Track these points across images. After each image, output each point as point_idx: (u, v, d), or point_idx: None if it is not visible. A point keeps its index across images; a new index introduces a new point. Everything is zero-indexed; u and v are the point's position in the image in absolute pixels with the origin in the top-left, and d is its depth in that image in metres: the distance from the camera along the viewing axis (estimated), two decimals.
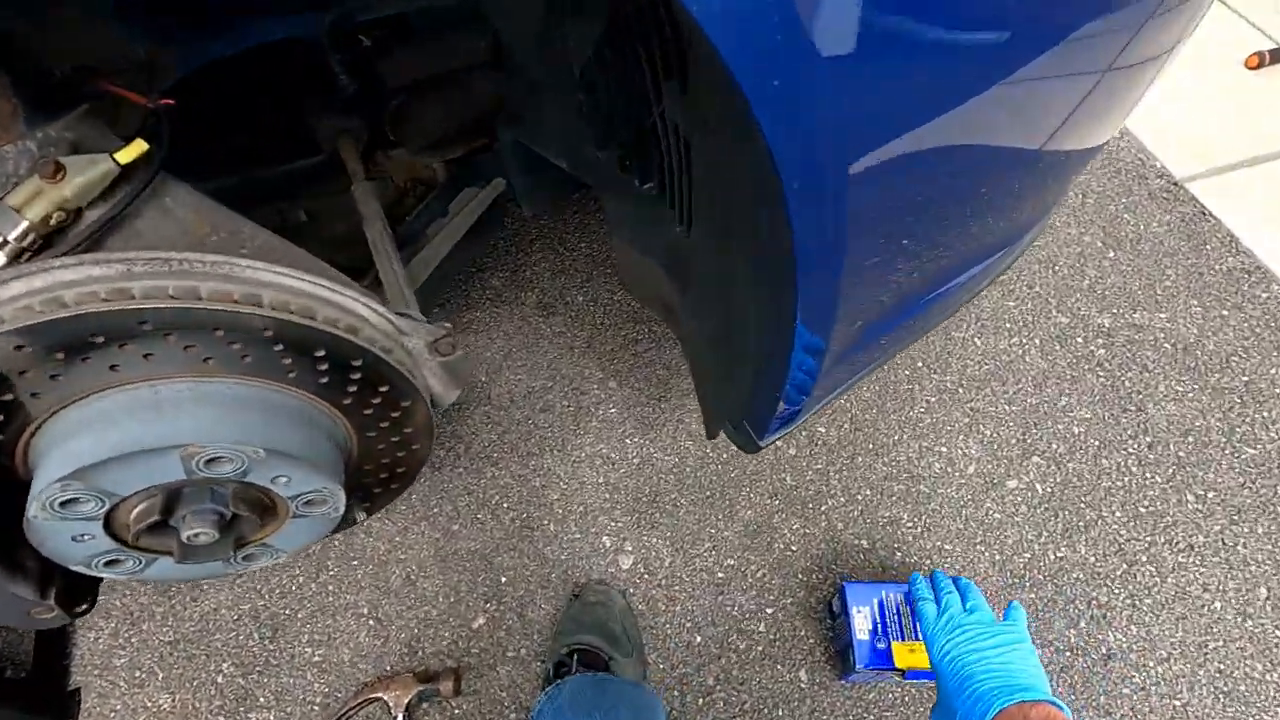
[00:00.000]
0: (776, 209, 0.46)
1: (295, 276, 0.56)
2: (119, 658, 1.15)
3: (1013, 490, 1.28)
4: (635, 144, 0.85)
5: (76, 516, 0.54)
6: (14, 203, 0.52)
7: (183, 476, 0.54)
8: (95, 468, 0.51)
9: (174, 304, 0.50)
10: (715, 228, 0.69)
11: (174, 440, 0.52)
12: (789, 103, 0.39)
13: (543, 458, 1.32)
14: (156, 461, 0.53)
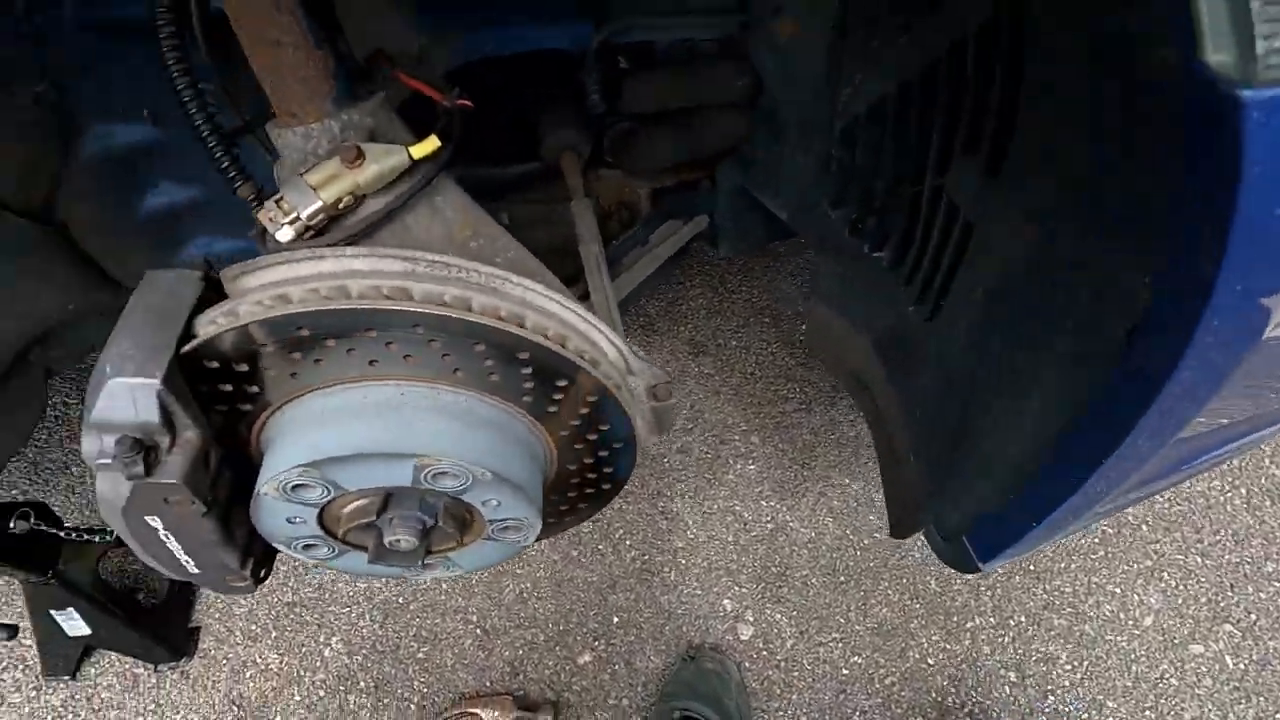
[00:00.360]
0: (1152, 334, 0.39)
1: (556, 301, 0.53)
2: (239, 608, 1.18)
3: (1196, 656, 1.11)
4: (879, 208, 0.80)
5: (300, 501, 0.53)
6: (312, 181, 0.52)
7: (408, 484, 0.53)
8: (333, 461, 0.50)
9: (445, 311, 0.48)
10: (981, 321, 0.62)
11: (413, 449, 0.50)
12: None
13: (673, 501, 1.26)
14: (390, 466, 0.51)
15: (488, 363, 0.52)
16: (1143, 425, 0.45)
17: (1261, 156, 0.29)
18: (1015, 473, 0.59)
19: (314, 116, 0.54)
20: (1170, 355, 0.40)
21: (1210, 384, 0.43)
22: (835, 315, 0.94)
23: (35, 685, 1.12)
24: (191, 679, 1.13)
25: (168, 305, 0.48)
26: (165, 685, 1.12)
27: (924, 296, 0.73)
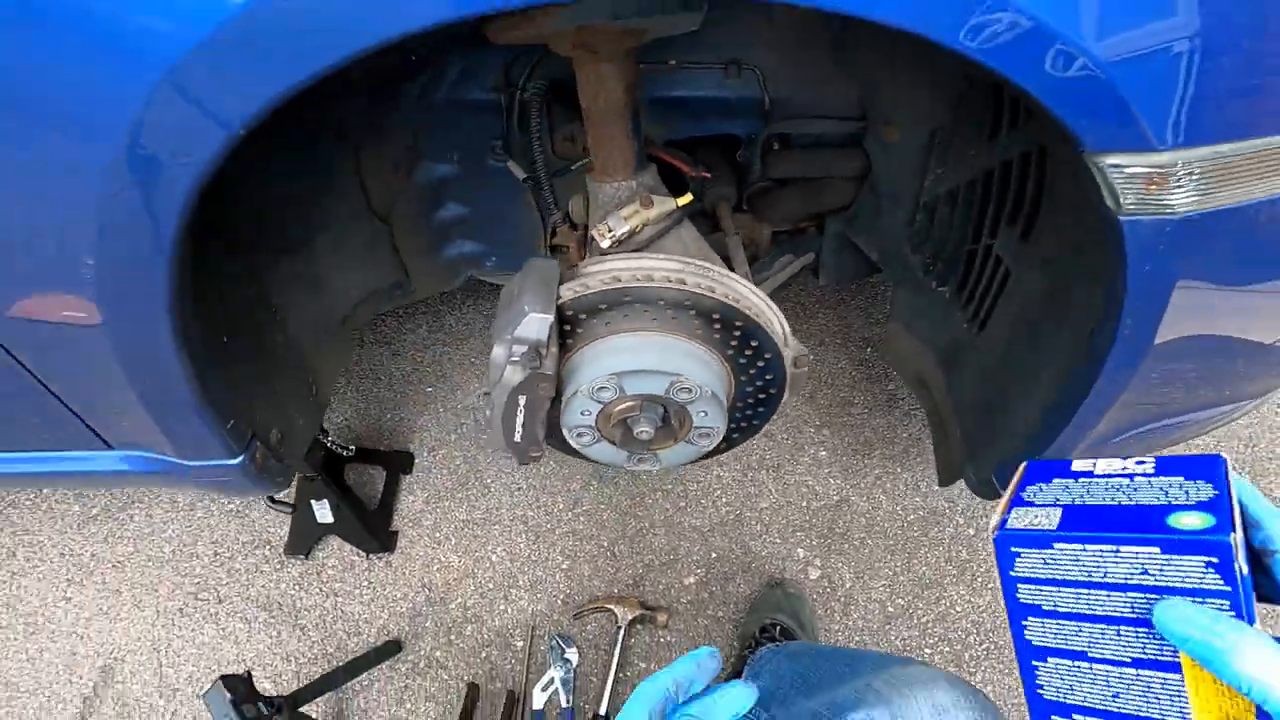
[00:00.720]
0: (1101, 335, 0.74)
1: (753, 291, 0.90)
2: (426, 519, 1.56)
3: None
4: (946, 256, 1.16)
5: (596, 399, 0.89)
6: (624, 214, 0.90)
7: (660, 394, 0.89)
8: (628, 373, 0.86)
9: (702, 293, 0.85)
10: (1011, 333, 0.97)
11: (671, 370, 0.86)
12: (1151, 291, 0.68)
13: (760, 472, 1.61)
14: (655, 380, 0.87)
15: (716, 327, 0.89)
16: (1096, 389, 0.80)
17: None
18: (1026, 428, 0.93)
19: (623, 177, 0.93)
20: (1105, 345, 0.75)
21: (1131, 364, 0.77)
22: (905, 332, 1.30)
23: (279, 561, 1.51)
24: (393, 567, 1.50)
25: (547, 276, 0.86)
26: (374, 570, 1.50)
27: (974, 318, 1.08)
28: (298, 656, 1.39)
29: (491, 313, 1.88)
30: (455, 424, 1.70)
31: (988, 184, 0.99)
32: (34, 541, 1.53)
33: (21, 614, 1.45)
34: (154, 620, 1.43)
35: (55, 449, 0.92)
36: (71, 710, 1.34)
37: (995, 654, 1.39)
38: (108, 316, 0.66)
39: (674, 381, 0.88)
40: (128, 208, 0.57)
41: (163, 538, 1.53)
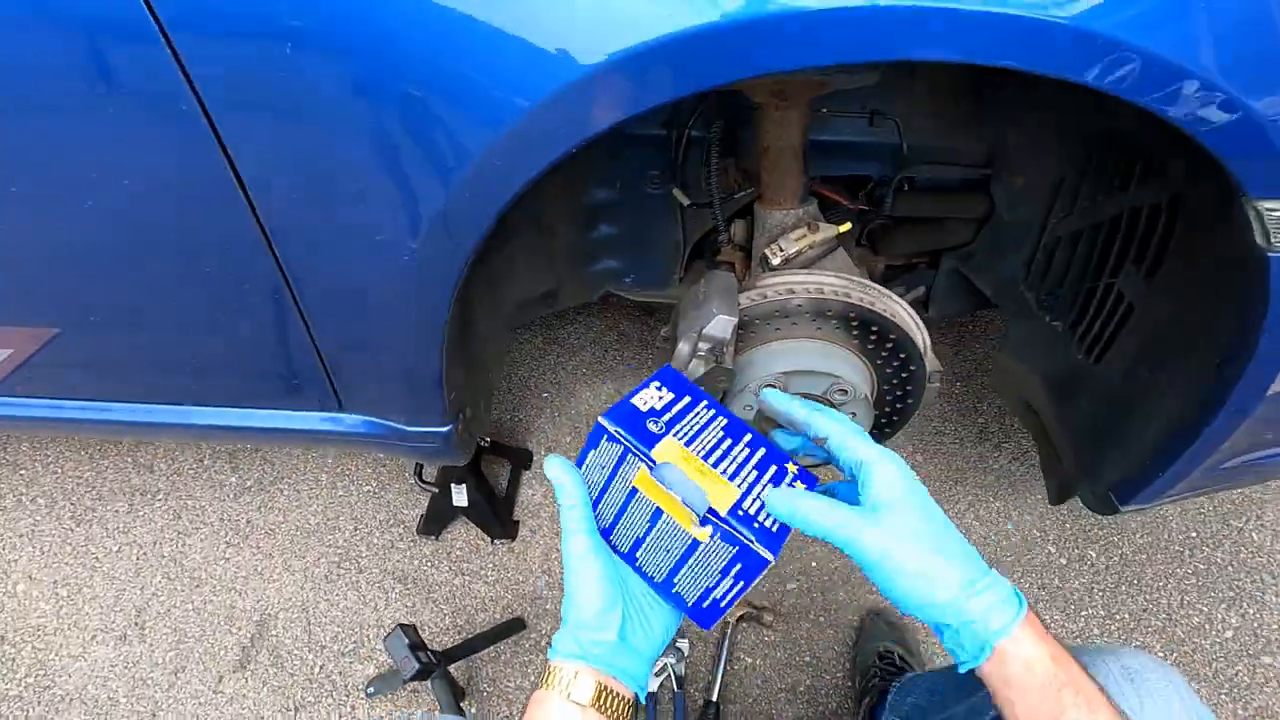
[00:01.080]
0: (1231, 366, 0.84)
1: (907, 311, 1.03)
2: (545, 511, 1.69)
3: (1267, 665, 1.45)
4: (1064, 293, 1.27)
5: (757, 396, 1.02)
6: (794, 237, 1.04)
7: (819, 394, 1.01)
8: (795, 373, 0.99)
9: (865, 307, 0.98)
10: (1135, 361, 1.07)
11: (833, 372, 0.99)
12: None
13: None
14: (816, 380, 1.00)
15: (871, 337, 1.01)
16: (1222, 415, 0.89)
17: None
18: (1149, 448, 1.03)
19: (790, 205, 1.08)
20: (1236, 374, 0.85)
21: (1256, 396, 0.87)
22: (1016, 362, 1.40)
23: (412, 539, 1.65)
24: (516, 553, 1.63)
25: (729, 286, 1.00)
26: (498, 554, 1.63)
27: (1091, 348, 1.19)
28: (430, 626, 1.52)
29: (601, 328, 2.04)
30: (570, 427, 1.84)
31: (1113, 227, 1.11)
32: (196, 506, 1.71)
33: (187, 569, 1.61)
34: (302, 583, 1.59)
35: (292, 408, 1.09)
36: (232, 657, 1.49)
37: None
38: (412, 292, 0.82)
39: (834, 383, 1.00)
40: (461, 206, 0.73)
41: (309, 510, 1.69)
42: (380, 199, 0.74)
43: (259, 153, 0.72)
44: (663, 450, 0.64)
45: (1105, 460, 1.13)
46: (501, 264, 1.29)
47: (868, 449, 0.65)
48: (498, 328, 1.34)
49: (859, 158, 1.29)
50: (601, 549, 0.66)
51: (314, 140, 0.71)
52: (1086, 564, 1.59)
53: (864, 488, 0.63)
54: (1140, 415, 1.06)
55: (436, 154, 0.71)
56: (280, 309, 0.89)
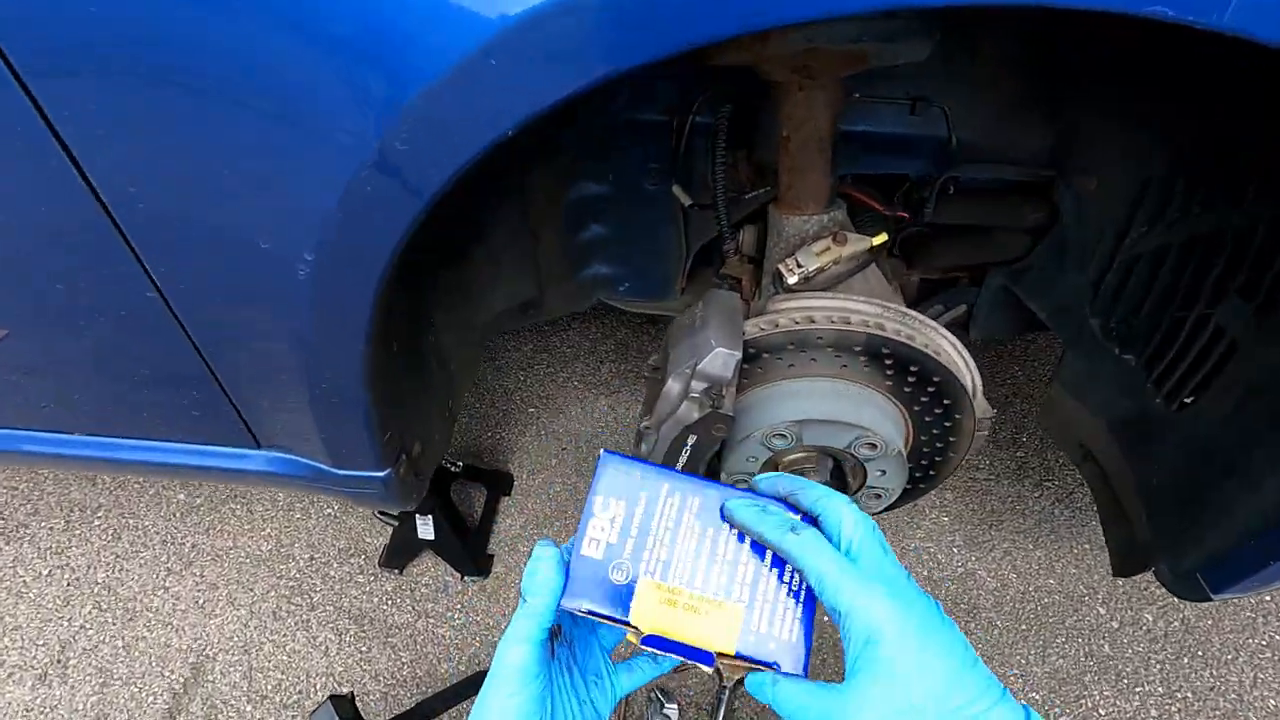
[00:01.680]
0: None
1: (955, 346, 0.82)
2: (523, 546, 1.50)
3: None
4: (1140, 321, 1.05)
5: (769, 447, 0.83)
6: (815, 250, 0.84)
7: (842, 448, 0.82)
8: (810, 422, 0.79)
9: (902, 341, 0.78)
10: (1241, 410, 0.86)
11: (860, 423, 0.79)
12: None
13: None
14: (839, 432, 0.80)
15: (909, 378, 0.81)
16: None
17: None
18: (1259, 522, 0.82)
19: (813, 211, 0.87)
20: None
21: None
22: (1071, 399, 1.19)
23: (373, 573, 1.47)
24: (488, 592, 1.45)
25: (731, 310, 0.80)
26: (467, 594, 1.44)
27: (1175, 392, 0.97)
28: (386, 676, 1.34)
29: (597, 336, 1.84)
30: (556, 449, 1.65)
31: (1213, 245, 0.89)
32: (139, 526, 1.54)
33: (122, 598, 1.44)
34: (247, 620, 1.41)
35: (203, 443, 0.90)
36: (160, 704, 1.32)
37: None
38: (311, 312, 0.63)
39: (860, 436, 0.80)
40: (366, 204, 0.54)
41: (261, 535, 1.52)
42: (257, 197, 0.55)
43: (106, 148, 0.54)
44: (641, 607, 0.53)
45: (1193, 532, 0.92)
46: (477, 269, 1.10)
47: (855, 595, 0.48)
48: (467, 343, 1.15)
49: (897, 153, 1.07)
50: (541, 673, 0.53)
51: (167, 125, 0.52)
52: (1142, 629, 1.38)
53: (846, 648, 0.49)
54: (1245, 481, 0.85)
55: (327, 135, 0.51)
56: (167, 336, 0.71)
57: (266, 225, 0.57)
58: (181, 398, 0.82)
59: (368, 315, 0.63)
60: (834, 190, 0.88)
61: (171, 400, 0.83)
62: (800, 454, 0.84)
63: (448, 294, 1.03)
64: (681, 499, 0.56)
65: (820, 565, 0.49)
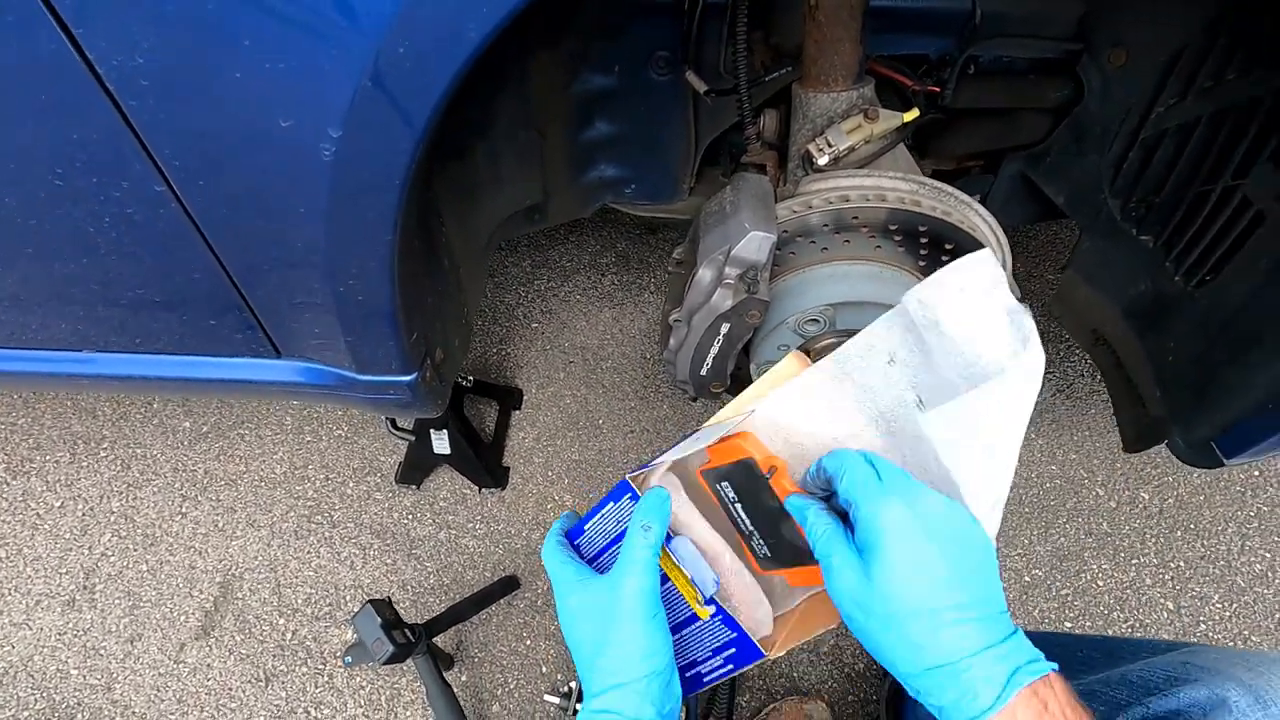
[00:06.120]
0: None
1: (989, 222, 0.81)
2: (538, 457, 1.52)
3: None
4: (1162, 200, 1.04)
5: (801, 333, 0.82)
6: (846, 128, 0.81)
7: None
8: (847, 305, 0.78)
9: (938, 218, 0.76)
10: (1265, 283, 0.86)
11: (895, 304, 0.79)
12: None
13: None
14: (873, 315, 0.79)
15: (944, 258, 0.80)
16: None
17: None
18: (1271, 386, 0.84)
19: (841, 87, 0.83)
20: None
21: None
22: (1086, 284, 1.19)
23: (391, 490, 1.48)
24: (506, 503, 1.47)
25: (763, 193, 0.78)
26: (486, 504, 1.46)
27: (1195, 268, 0.97)
28: (414, 585, 1.37)
29: (596, 249, 1.80)
30: (564, 362, 1.64)
31: (1243, 114, 0.87)
32: (147, 455, 1.53)
33: (140, 525, 1.44)
34: (269, 540, 1.42)
35: (220, 354, 0.88)
36: (194, 623, 1.34)
37: (1141, 631, 1.32)
38: (336, 200, 0.59)
39: None
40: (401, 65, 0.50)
41: (274, 458, 1.51)
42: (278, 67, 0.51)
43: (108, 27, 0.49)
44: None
45: (1207, 404, 0.94)
46: (478, 167, 1.05)
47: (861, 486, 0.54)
48: (475, 249, 1.11)
49: (920, 30, 1.02)
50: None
51: None
52: (1139, 507, 1.44)
53: (854, 527, 0.54)
54: (1266, 352, 0.86)
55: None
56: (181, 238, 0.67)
57: (287, 99, 0.53)
58: (197, 306, 0.79)
59: (395, 207, 0.60)
60: (863, 64, 0.84)
61: (186, 308, 0.80)
62: (833, 339, 0.83)
63: (454, 192, 0.98)
64: None
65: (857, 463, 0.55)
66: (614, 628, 0.56)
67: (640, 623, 0.55)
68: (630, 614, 0.56)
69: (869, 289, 0.79)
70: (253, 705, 1.27)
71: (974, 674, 0.48)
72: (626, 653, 0.55)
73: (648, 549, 0.57)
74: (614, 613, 0.56)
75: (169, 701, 1.29)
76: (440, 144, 0.92)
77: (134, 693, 1.29)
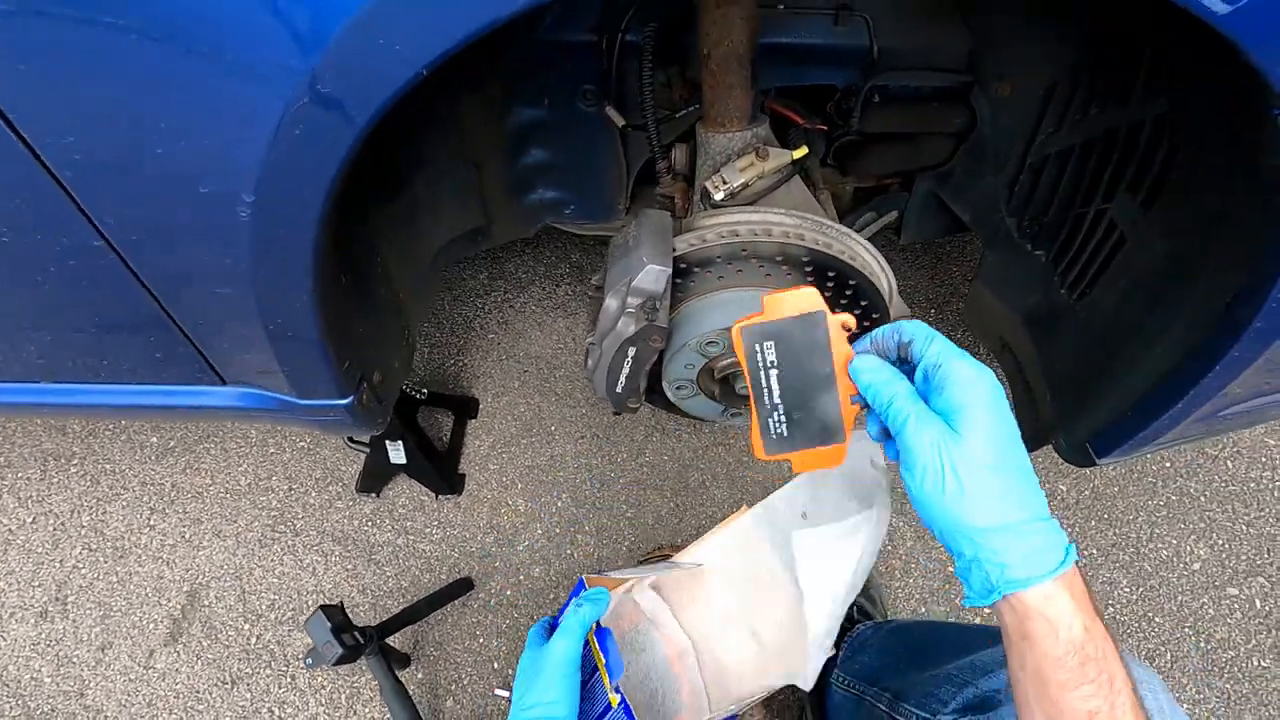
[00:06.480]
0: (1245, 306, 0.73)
1: (870, 252, 0.89)
2: (493, 464, 1.59)
3: (1232, 596, 1.43)
4: (1047, 220, 1.13)
5: (703, 354, 0.90)
6: (739, 166, 0.88)
7: None
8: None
9: (819, 249, 0.84)
10: (1125, 299, 0.95)
11: None
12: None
13: None
14: None
15: (829, 283, 0.88)
16: (1227, 361, 0.78)
17: None
18: (1135, 396, 0.92)
19: (736, 128, 0.91)
20: (1249, 315, 0.73)
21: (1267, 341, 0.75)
22: (991, 294, 1.28)
23: (352, 498, 1.55)
24: (462, 508, 1.54)
25: (662, 228, 0.86)
26: (443, 510, 1.54)
27: (1076, 283, 1.06)
28: (374, 589, 1.45)
29: (552, 260, 1.87)
30: (518, 371, 1.71)
31: (1107, 145, 0.96)
32: (115, 470, 1.58)
33: (109, 538, 1.51)
34: (234, 549, 1.49)
35: (169, 383, 0.94)
36: (162, 629, 1.41)
37: None
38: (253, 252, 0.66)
39: None
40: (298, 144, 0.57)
41: (238, 471, 1.58)
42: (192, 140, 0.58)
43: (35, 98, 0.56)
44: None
45: (1084, 409, 1.03)
46: (417, 198, 1.12)
47: (950, 351, 0.57)
48: (419, 272, 1.18)
49: (822, 64, 1.10)
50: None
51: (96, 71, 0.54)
52: (1056, 499, 1.54)
53: (937, 389, 0.56)
54: (1126, 360, 0.95)
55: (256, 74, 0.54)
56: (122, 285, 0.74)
57: (204, 169, 0.60)
58: (143, 342, 0.85)
59: (310, 254, 0.67)
60: (756, 105, 0.92)
61: (135, 344, 0.86)
62: (732, 359, 0.91)
63: (392, 224, 1.05)
64: None
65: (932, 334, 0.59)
66: (538, 675, 0.71)
67: (556, 673, 0.70)
68: (550, 666, 0.71)
69: None
70: (219, 707, 1.35)
71: (1039, 538, 0.53)
72: (539, 693, 0.69)
73: (577, 623, 0.73)
74: (540, 665, 0.72)
75: (139, 706, 1.35)
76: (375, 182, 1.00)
77: (105, 698, 1.36)
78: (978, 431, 0.53)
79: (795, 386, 0.61)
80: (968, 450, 0.52)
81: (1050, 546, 0.53)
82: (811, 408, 0.62)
